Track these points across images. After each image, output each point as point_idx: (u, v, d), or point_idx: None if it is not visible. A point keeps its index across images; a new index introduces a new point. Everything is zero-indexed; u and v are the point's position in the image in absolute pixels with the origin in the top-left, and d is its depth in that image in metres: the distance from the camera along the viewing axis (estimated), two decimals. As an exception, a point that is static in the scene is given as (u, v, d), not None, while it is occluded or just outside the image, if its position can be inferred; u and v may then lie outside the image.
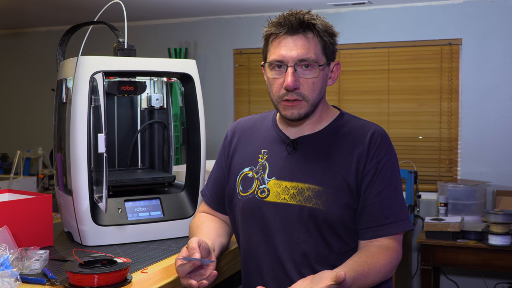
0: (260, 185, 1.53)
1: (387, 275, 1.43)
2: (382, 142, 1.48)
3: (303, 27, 1.44)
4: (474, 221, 3.67)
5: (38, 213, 1.71)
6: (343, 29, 4.33)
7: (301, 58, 1.43)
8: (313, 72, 1.45)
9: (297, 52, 1.43)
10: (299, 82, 1.44)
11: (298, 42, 1.44)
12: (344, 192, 1.45)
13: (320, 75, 1.47)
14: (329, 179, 1.46)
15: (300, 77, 1.44)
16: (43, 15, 4.71)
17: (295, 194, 1.48)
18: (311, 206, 1.45)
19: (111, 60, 1.79)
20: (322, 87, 1.49)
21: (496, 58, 3.97)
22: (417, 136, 4.23)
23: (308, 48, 1.44)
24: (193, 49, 4.83)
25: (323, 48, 1.47)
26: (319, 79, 1.47)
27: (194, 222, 1.67)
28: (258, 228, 1.52)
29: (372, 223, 1.45)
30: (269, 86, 1.50)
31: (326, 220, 1.44)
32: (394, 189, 1.47)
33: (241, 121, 1.70)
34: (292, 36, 1.44)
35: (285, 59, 1.44)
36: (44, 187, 3.90)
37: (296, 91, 1.45)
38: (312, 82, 1.46)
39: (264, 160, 1.56)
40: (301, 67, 1.44)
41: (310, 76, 1.45)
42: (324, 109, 1.56)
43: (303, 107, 1.47)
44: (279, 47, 1.45)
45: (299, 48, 1.43)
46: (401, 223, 1.46)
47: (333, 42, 1.50)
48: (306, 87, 1.45)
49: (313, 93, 1.47)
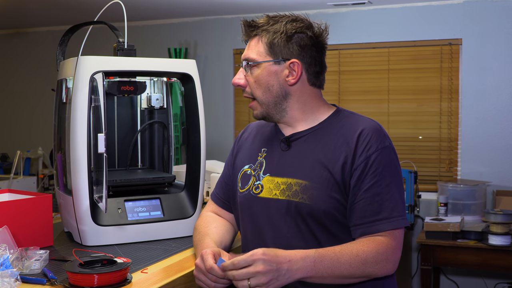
0: (255, 182, 1.57)
1: (371, 264, 1.38)
2: (373, 138, 1.46)
3: (250, 29, 1.54)
4: (474, 221, 3.67)
5: (38, 213, 1.71)
6: (343, 29, 4.34)
7: (245, 57, 1.54)
8: (254, 70, 1.53)
9: (245, 53, 1.55)
10: (246, 81, 1.54)
11: (249, 44, 1.55)
12: (332, 187, 1.44)
13: (261, 73, 1.51)
14: (316, 173, 1.46)
15: (247, 76, 1.55)
16: (43, 15, 4.71)
17: (284, 189, 1.50)
18: (297, 201, 1.46)
19: (111, 60, 1.79)
20: (269, 85, 1.51)
21: (496, 58, 3.97)
22: (417, 136, 4.23)
23: (253, 49, 1.53)
24: (193, 49, 4.83)
25: (269, 47, 1.51)
26: (261, 77, 1.52)
27: (200, 222, 1.68)
28: (252, 223, 1.55)
29: (361, 219, 1.43)
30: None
31: (311, 214, 1.45)
32: (386, 185, 1.43)
33: (253, 123, 1.76)
34: (248, 39, 1.56)
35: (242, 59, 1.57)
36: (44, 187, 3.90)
37: (243, 89, 1.56)
38: (254, 80, 1.53)
39: (262, 158, 1.59)
40: (247, 66, 1.54)
41: (254, 74, 1.53)
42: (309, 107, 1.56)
43: (257, 108, 1.56)
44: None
45: (247, 49, 1.55)
46: (392, 220, 1.42)
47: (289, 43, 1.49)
48: (250, 85, 1.54)
49: (257, 90, 1.53)
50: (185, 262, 1.61)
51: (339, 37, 4.32)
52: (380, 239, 1.42)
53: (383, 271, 1.42)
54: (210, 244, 1.52)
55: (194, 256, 1.67)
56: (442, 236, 3.43)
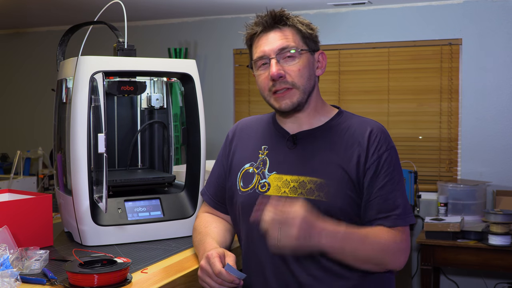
0: (260, 180, 1.56)
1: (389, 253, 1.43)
2: (382, 138, 1.51)
3: (277, 21, 1.52)
4: (474, 221, 3.67)
5: (38, 213, 1.71)
6: (343, 29, 4.34)
7: (281, 47, 1.50)
8: (296, 60, 1.51)
9: (276, 44, 1.50)
10: (284, 71, 1.49)
11: (276, 36, 1.52)
12: (346, 184, 1.47)
13: (304, 61, 1.51)
14: (330, 171, 1.47)
15: (284, 67, 1.50)
16: (43, 15, 4.71)
17: (296, 187, 1.49)
18: (313, 199, 1.46)
19: (111, 60, 1.79)
20: (310, 74, 1.53)
21: (496, 58, 3.98)
22: (417, 136, 4.23)
23: (286, 38, 1.51)
24: (193, 49, 4.83)
25: (302, 37, 1.53)
26: (304, 65, 1.51)
27: (199, 223, 1.68)
28: (258, 222, 1.53)
29: (377, 215, 1.46)
30: (258, 84, 1.56)
31: (329, 212, 1.45)
32: (397, 183, 1.49)
33: (243, 121, 1.74)
34: (269, 32, 1.53)
35: (267, 53, 1.51)
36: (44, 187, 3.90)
37: (282, 79, 1.49)
38: (298, 69, 1.50)
39: (264, 155, 1.58)
40: (283, 58, 1.50)
41: (294, 63, 1.50)
42: (319, 103, 1.59)
43: (295, 95, 1.51)
44: (259, 45, 1.53)
45: (278, 39, 1.51)
46: (405, 217, 1.47)
47: (312, 33, 1.55)
48: (293, 74, 1.50)
49: (301, 79, 1.51)
50: (185, 262, 1.61)
51: (339, 37, 4.32)
52: (397, 232, 1.46)
53: (396, 263, 1.46)
54: (212, 244, 1.52)
55: (194, 256, 1.67)
56: (442, 236, 3.43)
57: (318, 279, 1.46)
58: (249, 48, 1.59)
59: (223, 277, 1.38)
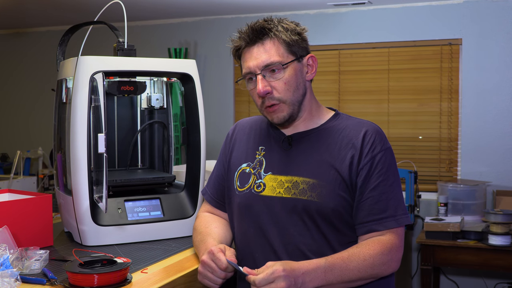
0: (256, 180, 1.56)
1: (379, 266, 1.42)
2: (377, 139, 1.50)
3: (258, 35, 1.51)
4: (474, 221, 3.67)
5: (38, 213, 1.71)
6: (343, 29, 4.34)
7: (265, 64, 1.49)
8: (281, 73, 1.49)
9: (260, 60, 1.49)
10: (271, 86, 1.49)
11: (259, 51, 1.50)
12: (339, 185, 1.47)
13: (290, 73, 1.50)
14: (323, 172, 1.48)
15: (271, 82, 1.49)
16: (43, 15, 4.71)
17: (289, 187, 1.50)
18: (305, 199, 1.47)
19: (111, 60, 1.79)
20: (297, 83, 1.52)
21: (496, 58, 3.97)
22: (417, 136, 4.23)
23: (269, 53, 1.49)
24: (193, 49, 4.83)
25: (286, 47, 1.51)
26: (290, 78, 1.50)
27: (200, 222, 1.68)
28: (254, 222, 1.55)
29: (368, 217, 1.46)
30: (252, 98, 1.57)
31: (320, 212, 1.46)
32: (390, 185, 1.48)
33: (242, 121, 1.74)
34: (252, 47, 1.52)
35: (252, 69, 1.50)
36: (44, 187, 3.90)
37: (270, 95, 1.49)
38: (284, 83, 1.50)
39: (261, 156, 1.59)
40: (268, 72, 1.49)
41: (280, 77, 1.49)
42: (314, 106, 1.59)
43: (284, 110, 1.51)
44: (245, 60, 1.53)
45: (261, 54, 1.49)
46: (397, 218, 1.46)
47: (300, 39, 1.53)
48: (279, 89, 1.49)
49: (288, 92, 1.50)
50: (185, 262, 1.61)
51: (339, 37, 4.32)
52: (383, 240, 1.44)
53: (389, 270, 1.46)
54: (213, 244, 1.52)
55: (194, 256, 1.67)
56: (442, 236, 3.43)
57: None
58: (238, 60, 1.59)
59: (229, 270, 1.40)
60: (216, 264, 1.40)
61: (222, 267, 1.40)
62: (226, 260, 1.39)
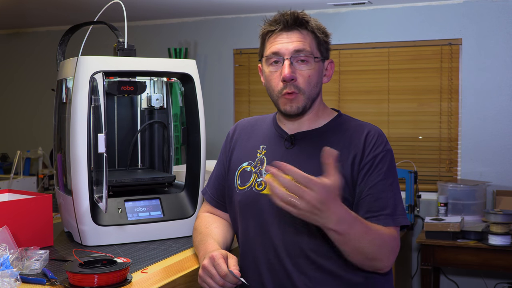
0: (257, 178, 1.57)
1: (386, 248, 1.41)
2: (379, 140, 1.52)
3: (298, 23, 1.51)
4: (474, 221, 3.67)
5: (38, 213, 1.71)
6: (343, 29, 4.34)
7: (297, 49, 1.49)
8: (308, 65, 1.51)
9: (293, 45, 1.50)
10: (295, 74, 1.49)
11: (293, 36, 1.51)
12: (341, 185, 1.46)
13: (315, 68, 1.52)
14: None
15: (296, 70, 1.50)
16: (43, 15, 4.71)
17: None
18: None
19: (111, 60, 1.79)
20: (317, 81, 1.54)
21: (496, 58, 3.97)
22: (417, 136, 4.23)
23: (303, 41, 1.50)
24: (193, 49, 4.83)
25: (317, 44, 1.53)
26: (314, 73, 1.52)
27: (200, 223, 1.68)
28: (255, 220, 1.55)
29: (367, 214, 1.45)
30: (268, 82, 1.55)
31: None
32: (390, 184, 1.48)
33: (243, 120, 1.75)
34: (288, 31, 1.51)
35: (281, 52, 1.50)
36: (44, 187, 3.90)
37: (293, 82, 1.50)
38: (308, 75, 1.51)
39: (262, 155, 1.59)
40: (297, 60, 1.50)
41: (306, 68, 1.51)
42: (321, 107, 1.60)
43: (300, 100, 1.51)
44: (275, 42, 1.52)
45: (295, 41, 1.50)
46: (395, 217, 1.46)
47: (327, 41, 1.56)
48: (302, 79, 1.50)
49: (309, 86, 1.51)
50: (185, 262, 1.61)
51: (339, 37, 4.32)
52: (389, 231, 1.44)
53: (386, 262, 1.44)
54: (213, 245, 1.52)
55: (194, 256, 1.67)
56: (442, 236, 3.43)
57: (311, 277, 1.47)
58: (262, 42, 1.58)
59: (228, 279, 1.39)
60: (216, 271, 1.40)
61: (222, 274, 1.39)
62: (228, 270, 1.38)
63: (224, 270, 1.39)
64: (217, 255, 1.42)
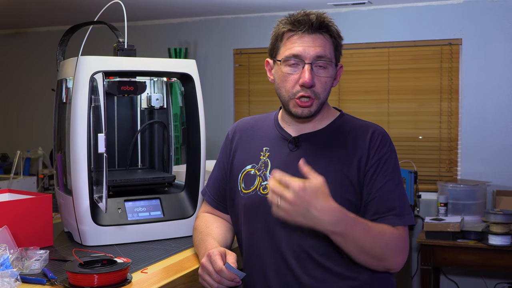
0: (262, 182, 1.55)
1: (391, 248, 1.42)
2: (384, 140, 1.51)
3: (322, 27, 1.48)
4: (474, 221, 3.67)
5: (38, 213, 1.71)
6: (343, 29, 4.28)
7: (318, 55, 1.47)
8: (326, 72, 1.50)
9: (315, 50, 1.47)
10: (314, 80, 1.48)
11: (316, 41, 1.48)
12: (347, 188, 1.47)
13: (331, 73, 1.52)
14: (331, 175, 1.46)
15: (315, 75, 1.48)
16: (43, 15, 4.71)
17: None
18: None
19: (111, 60, 1.79)
20: (330, 86, 1.54)
21: (496, 58, 3.97)
22: (417, 136, 4.23)
23: (325, 47, 1.48)
24: (193, 49, 4.83)
25: (334, 49, 1.52)
26: (330, 78, 1.52)
27: (200, 222, 1.68)
28: (261, 224, 1.53)
29: (374, 215, 1.46)
30: (281, 82, 1.52)
31: None
32: (396, 185, 1.49)
33: (242, 120, 1.73)
34: (311, 34, 1.48)
35: (303, 56, 1.47)
36: (44, 187, 3.90)
37: (312, 88, 1.48)
38: (325, 81, 1.50)
39: (266, 157, 1.58)
40: (316, 66, 1.48)
41: (324, 75, 1.50)
42: (326, 109, 1.60)
43: (314, 106, 1.51)
44: (297, 44, 1.48)
45: (318, 46, 1.47)
46: (403, 217, 1.46)
47: (342, 46, 1.56)
48: (320, 85, 1.50)
49: (324, 91, 1.52)
50: (185, 262, 1.61)
51: (339, 37, 4.31)
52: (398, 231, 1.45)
53: (395, 262, 1.44)
54: (213, 244, 1.52)
55: (194, 256, 1.67)
56: (442, 236, 3.43)
57: (319, 280, 1.46)
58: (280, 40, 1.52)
59: (224, 274, 1.39)
60: (213, 267, 1.40)
61: (217, 269, 1.39)
62: (224, 264, 1.39)
63: (219, 265, 1.39)
64: (214, 252, 1.42)
